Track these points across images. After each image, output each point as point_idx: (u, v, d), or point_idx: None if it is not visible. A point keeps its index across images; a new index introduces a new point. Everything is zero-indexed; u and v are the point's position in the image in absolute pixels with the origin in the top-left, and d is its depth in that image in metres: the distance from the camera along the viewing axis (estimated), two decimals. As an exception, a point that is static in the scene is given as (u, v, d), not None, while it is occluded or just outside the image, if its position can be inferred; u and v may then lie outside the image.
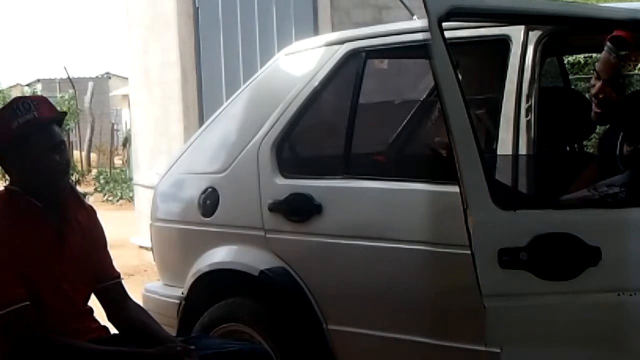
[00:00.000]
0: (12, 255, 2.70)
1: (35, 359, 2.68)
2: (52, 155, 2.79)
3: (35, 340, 2.68)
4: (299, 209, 3.54)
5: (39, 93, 27.97)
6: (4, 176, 19.06)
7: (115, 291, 3.01)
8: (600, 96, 3.09)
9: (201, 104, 8.50)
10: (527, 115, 3.09)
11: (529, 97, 3.10)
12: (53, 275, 2.77)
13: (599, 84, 3.10)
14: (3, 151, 2.82)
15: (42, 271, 2.75)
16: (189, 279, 3.88)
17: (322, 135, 3.98)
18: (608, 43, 3.03)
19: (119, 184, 16.66)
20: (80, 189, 3.31)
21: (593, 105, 3.17)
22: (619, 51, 3.00)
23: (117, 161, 22.71)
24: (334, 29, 8.27)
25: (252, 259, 3.67)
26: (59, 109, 2.97)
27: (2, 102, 21.95)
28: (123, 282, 3.09)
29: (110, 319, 3.02)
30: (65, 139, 2.97)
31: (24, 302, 2.68)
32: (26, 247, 2.74)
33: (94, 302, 3.00)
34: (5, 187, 2.93)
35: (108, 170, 19.70)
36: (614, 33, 3.00)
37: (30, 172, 2.79)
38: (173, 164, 4.24)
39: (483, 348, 2.74)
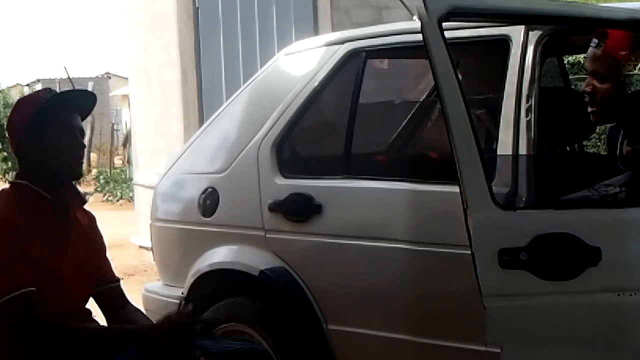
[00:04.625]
0: (21, 246, 2.69)
1: (41, 343, 2.68)
2: (73, 134, 2.82)
3: (41, 324, 2.68)
4: (299, 209, 3.54)
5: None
6: (4, 176, 19.12)
7: (114, 295, 3.02)
8: (588, 89, 3.09)
9: (201, 104, 8.50)
10: (527, 116, 3.09)
11: (528, 97, 3.10)
12: (56, 271, 2.77)
13: (587, 79, 3.10)
14: (24, 132, 2.82)
15: (47, 266, 2.74)
16: (189, 279, 3.88)
17: (322, 135, 3.98)
18: (593, 39, 3.04)
19: (119, 184, 16.64)
20: (80, 189, 3.30)
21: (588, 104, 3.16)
22: (600, 42, 3.01)
23: (117, 161, 22.67)
24: (334, 29, 8.26)
25: (252, 259, 3.67)
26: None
27: (2, 102, 21.94)
28: (123, 283, 3.10)
29: (109, 324, 3.01)
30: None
31: (30, 287, 2.68)
32: (35, 240, 2.73)
33: (93, 305, 3.00)
34: (10, 181, 2.93)
35: (108, 170, 19.67)
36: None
37: (51, 152, 2.79)
38: (173, 164, 4.24)
39: (483, 348, 2.74)
